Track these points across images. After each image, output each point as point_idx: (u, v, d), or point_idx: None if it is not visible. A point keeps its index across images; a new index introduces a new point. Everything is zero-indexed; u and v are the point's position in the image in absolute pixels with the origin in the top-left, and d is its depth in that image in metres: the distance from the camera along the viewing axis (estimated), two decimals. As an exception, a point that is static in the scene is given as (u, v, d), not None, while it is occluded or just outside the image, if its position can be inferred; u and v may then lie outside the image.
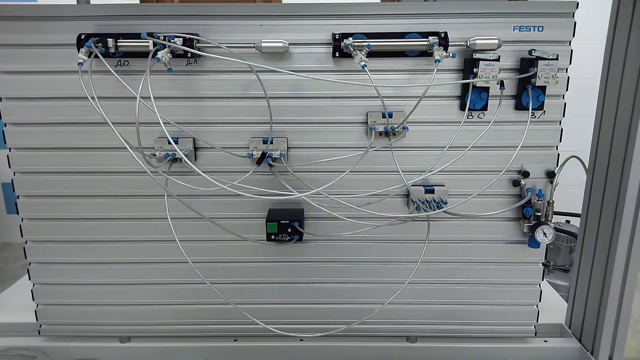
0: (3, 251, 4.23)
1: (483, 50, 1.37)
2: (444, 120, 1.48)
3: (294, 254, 1.62)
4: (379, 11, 1.41)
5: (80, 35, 1.37)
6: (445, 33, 1.37)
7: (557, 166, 1.53)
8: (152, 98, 1.25)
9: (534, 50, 1.39)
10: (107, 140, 1.47)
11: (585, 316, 1.67)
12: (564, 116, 1.49)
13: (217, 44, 1.37)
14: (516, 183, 1.52)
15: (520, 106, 1.46)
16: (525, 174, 1.51)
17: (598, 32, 1.88)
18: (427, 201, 1.50)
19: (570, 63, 1.44)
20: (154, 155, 1.46)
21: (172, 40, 1.33)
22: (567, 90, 1.46)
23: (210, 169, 1.47)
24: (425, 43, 1.37)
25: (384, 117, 1.45)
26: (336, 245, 1.61)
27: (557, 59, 1.37)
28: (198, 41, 1.37)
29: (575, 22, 1.41)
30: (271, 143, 1.47)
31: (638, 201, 1.45)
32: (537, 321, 1.68)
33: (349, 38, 1.36)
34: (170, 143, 1.28)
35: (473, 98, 1.43)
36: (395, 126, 1.44)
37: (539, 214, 1.52)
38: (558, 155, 1.52)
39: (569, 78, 1.45)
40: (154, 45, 1.33)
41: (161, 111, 1.30)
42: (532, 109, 1.44)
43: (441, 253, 1.61)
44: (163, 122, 1.26)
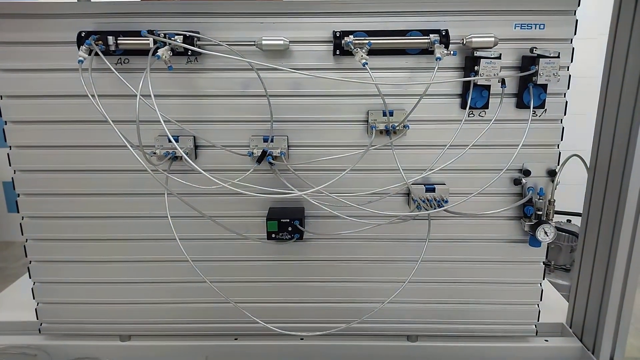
0: (4, 250, 4.24)
1: (479, 48, 1.37)
2: (445, 118, 1.48)
3: (295, 253, 1.61)
4: (380, 9, 1.40)
5: (80, 32, 1.37)
6: (446, 31, 1.36)
7: (559, 165, 1.52)
8: (153, 96, 1.25)
9: (536, 48, 1.38)
10: (108, 138, 1.47)
11: (586, 315, 1.66)
12: (566, 114, 1.48)
13: (218, 42, 1.37)
14: (517, 182, 1.52)
15: (521, 104, 1.45)
16: (526, 173, 1.51)
17: (600, 31, 1.88)
18: (428, 200, 1.50)
19: (571, 61, 1.44)
20: (155, 153, 1.46)
21: (173, 37, 1.32)
22: (569, 88, 1.46)
23: (210, 167, 1.47)
24: (426, 41, 1.36)
25: (385, 116, 1.45)
26: (337, 243, 1.60)
27: (559, 57, 1.37)
28: (198, 39, 1.37)
29: (577, 20, 1.40)
30: (272, 141, 1.47)
31: (639, 200, 1.45)
32: (538, 320, 1.67)
33: (350, 36, 1.36)
34: (170, 141, 1.27)
35: (474, 96, 1.43)
36: (396, 124, 1.44)
37: (540, 213, 1.51)
38: (559, 153, 1.52)
39: (571, 76, 1.45)
40: (155, 42, 1.33)
41: (161, 109, 1.30)
42: (534, 107, 1.44)
43: (442, 252, 1.60)
44: (163, 120, 1.26)
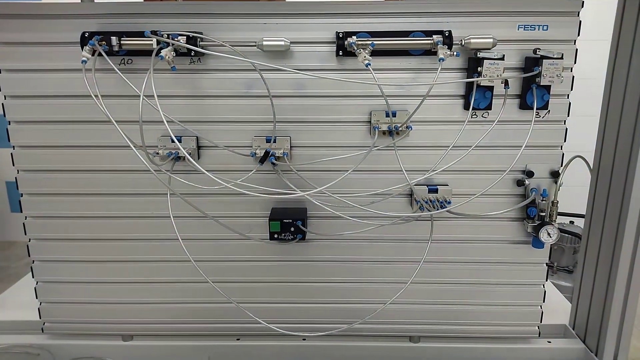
0: (7, 249, 4.25)
1: (478, 49, 1.37)
2: (448, 119, 1.48)
3: (297, 253, 1.61)
4: (383, 9, 1.41)
5: (84, 33, 1.37)
6: (449, 32, 1.36)
7: (562, 166, 1.52)
8: (156, 96, 1.25)
9: (539, 49, 1.38)
10: (111, 138, 1.48)
11: (589, 317, 1.66)
12: (569, 116, 1.48)
13: (221, 43, 1.37)
14: (520, 183, 1.52)
15: (524, 105, 1.45)
16: (529, 174, 1.50)
17: (603, 32, 1.88)
18: (431, 201, 1.50)
19: (575, 62, 1.43)
20: (158, 153, 1.46)
21: (176, 38, 1.32)
22: (572, 89, 1.46)
23: (213, 168, 1.47)
24: (429, 42, 1.36)
25: (388, 116, 1.45)
26: (339, 244, 1.60)
27: (562, 58, 1.37)
28: (202, 39, 1.37)
29: (580, 21, 1.40)
30: (274, 142, 1.47)
31: (643, 201, 1.44)
32: (541, 322, 1.67)
33: (353, 37, 1.36)
34: (173, 141, 1.28)
35: (477, 97, 1.42)
36: (398, 125, 1.44)
37: (543, 214, 1.51)
38: (562, 155, 1.51)
39: (574, 77, 1.45)
40: (158, 43, 1.33)
41: (164, 109, 1.30)
42: (537, 109, 1.43)
43: (444, 253, 1.60)
44: (166, 121, 1.26)
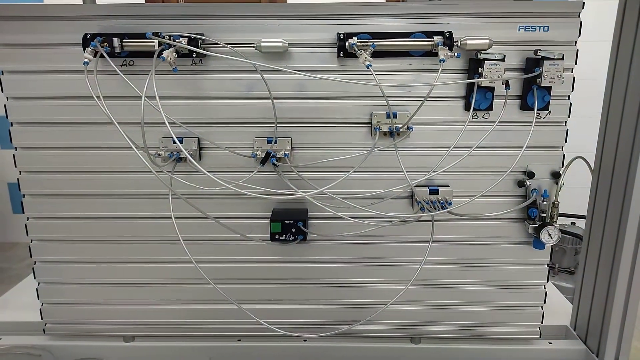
0: (9, 251, 4.26)
1: (474, 50, 1.37)
2: (449, 120, 1.48)
3: (298, 254, 1.62)
4: (384, 11, 1.41)
5: (86, 34, 1.38)
6: (450, 33, 1.37)
7: (563, 167, 1.52)
8: (157, 98, 1.25)
9: (540, 50, 1.38)
10: (112, 139, 1.48)
11: (590, 318, 1.66)
12: (570, 116, 1.48)
13: (222, 44, 1.37)
14: (521, 184, 1.52)
15: (525, 106, 1.45)
16: (530, 175, 1.50)
17: (604, 33, 1.88)
18: (432, 201, 1.50)
19: (575, 63, 1.43)
20: (159, 154, 1.47)
21: (177, 39, 1.33)
22: (573, 90, 1.46)
23: (214, 169, 1.47)
24: (430, 43, 1.36)
25: (389, 117, 1.45)
26: (340, 245, 1.60)
27: (563, 59, 1.37)
28: (203, 41, 1.38)
29: (581, 22, 1.40)
30: (275, 143, 1.48)
31: (644, 202, 1.44)
32: (542, 323, 1.67)
33: (354, 38, 1.36)
34: (175, 142, 1.28)
35: (478, 98, 1.43)
36: (399, 126, 1.44)
37: (544, 215, 1.51)
38: (563, 156, 1.51)
39: (575, 78, 1.45)
40: (159, 44, 1.33)
41: (166, 111, 1.31)
42: (538, 110, 1.43)
43: (445, 254, 1.60)
44: (168, 122, 1.27)
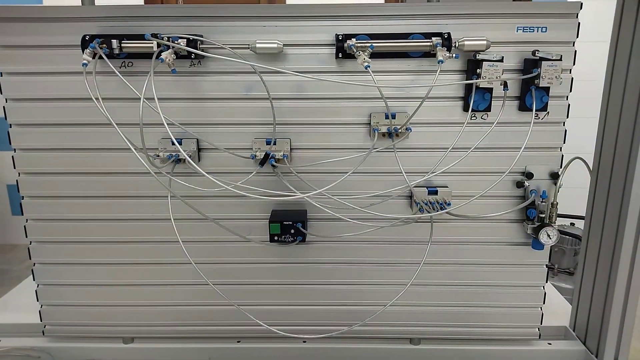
0: (8, 252, 4.25)
1: (472, 51, 1.37)
2: (447, 121, 1.48)
3: (297, 255, 1.62)
4: (382, 12, 1.41)
5: (84, 36, 1.38)
6: (448, 34, 1.37)
7: (561, 168, 1.52)
8: (156, 99, 1.25)
9: (538, 51, 1.38)
10: (111, 141, 1.48)
11: (589, 319, 1.66)
12: (568, 117, 1.48)
13: (221, 45, 1.37)
14: (520, 184, 1.52)
15: (523, 107, 1.45)
16: (529, 175, 1.51)
17: (602, 34, 1.88)
18: (430, 202, 1.50)
19: (574, 64, 1.44)
20: (158, 156, 1.47)
21: (176, 41, 1.33)
22: (571, 91, 1.46)
23: (213, 170, 1.47)
24: (428, 44, 1.37)
25: (387, 118, 1.45)
26: (339, 246, 1.60)
27: (561, 60, 1.37)
28: (202, 42, 1.38)
29: (579, 23, 1.40)
30: (274, 144, 1.48)
31: (643, 203, 1.45)
32: (541, 324, 1.67)
33: (352, 39, 1.36)
34: (174, 144, 1.28)
35: (476, 99, 1.43)
36: (398, 127, 1.44)
37: (543, 216, 1.51)
38: (562, 156, 1.52)
39: (573, 79, 1.45)
40: (158, 46, 1.34)
41: (165, 112, 1.31)
42: (536, 110, 1.43)
43: (444, 254, 1.60)
44: (167, 123, 1.26)
